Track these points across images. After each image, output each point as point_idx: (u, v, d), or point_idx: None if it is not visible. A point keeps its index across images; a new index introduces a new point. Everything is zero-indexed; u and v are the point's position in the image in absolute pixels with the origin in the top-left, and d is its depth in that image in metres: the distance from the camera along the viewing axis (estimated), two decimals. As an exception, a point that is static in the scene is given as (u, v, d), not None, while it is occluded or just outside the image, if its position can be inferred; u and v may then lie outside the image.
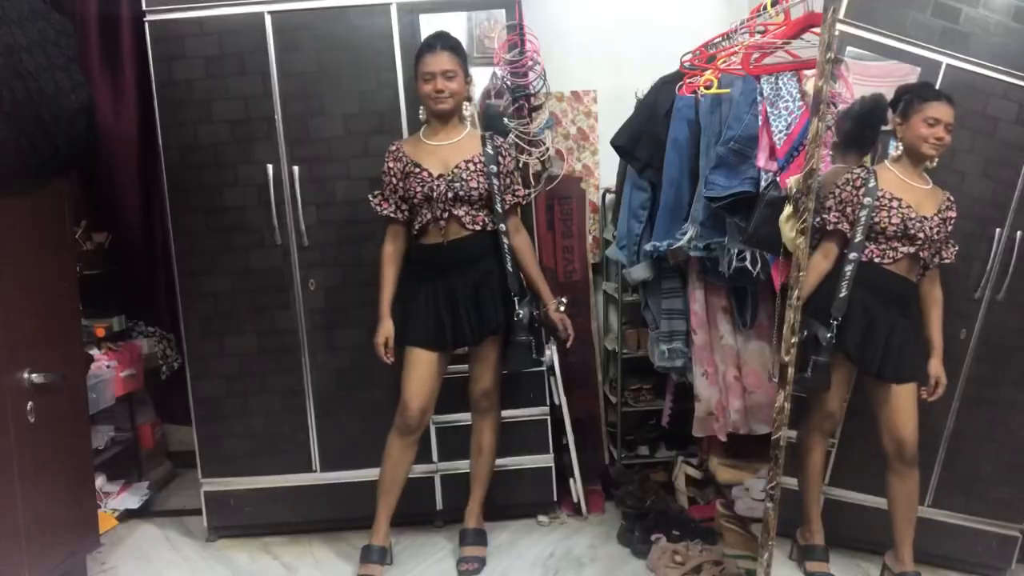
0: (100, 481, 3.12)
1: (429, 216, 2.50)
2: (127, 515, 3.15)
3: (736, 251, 2.52)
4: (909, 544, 2.43)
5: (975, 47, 2.48)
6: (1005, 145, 2.52)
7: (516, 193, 2.59)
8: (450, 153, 2.49)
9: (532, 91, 2.88)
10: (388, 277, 2.58)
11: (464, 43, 2.84)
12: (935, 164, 2.37)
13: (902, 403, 2.36)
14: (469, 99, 2.58)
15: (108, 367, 3.17)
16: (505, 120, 2.83)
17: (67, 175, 2.64)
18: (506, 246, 2.50)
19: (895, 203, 2.31)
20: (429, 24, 2.79)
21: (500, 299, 2.51)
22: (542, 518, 3.08)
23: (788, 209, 2.18)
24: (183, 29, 2.74)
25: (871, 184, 2.32)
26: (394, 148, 2.55)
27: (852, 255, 2.31)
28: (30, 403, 2.30)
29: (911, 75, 2.50)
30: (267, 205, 2.81)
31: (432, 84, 2.44)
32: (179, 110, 2.78)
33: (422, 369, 2.53)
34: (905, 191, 2.34)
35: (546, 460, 3.02)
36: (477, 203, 2.50)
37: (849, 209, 2.34)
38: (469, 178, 2.46)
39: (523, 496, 3.05)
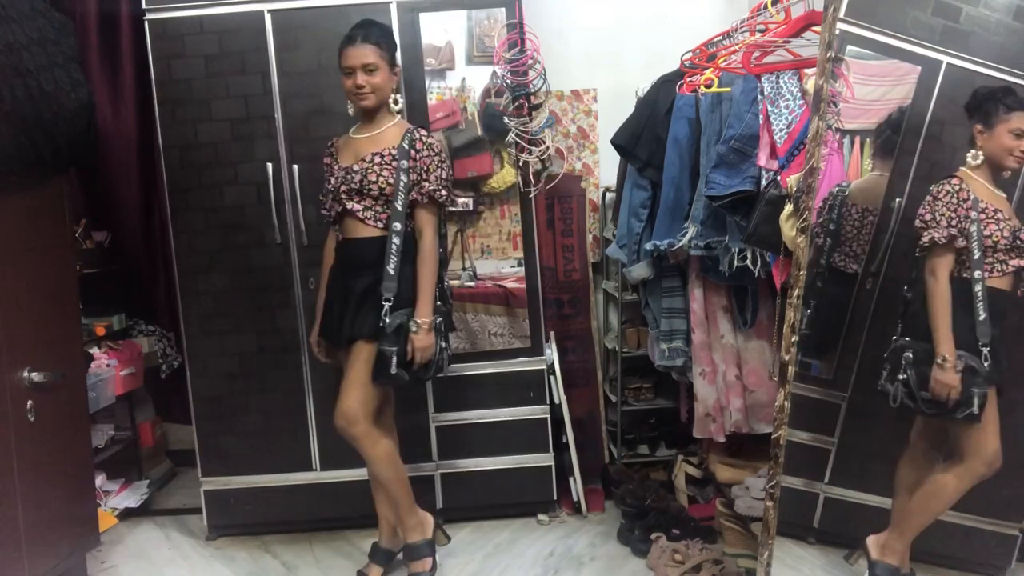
0: (100, 480, 3.13)
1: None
2: (127, 514, 3.15)
3: (737, 250, 2.52)
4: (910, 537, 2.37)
5: (975, 46, 2.48)
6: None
7: (423, 189, 2.33)
8: (366, 146, 2.36)
9: (532, 90, 2.87)
10: (322, 277, 2.52)
11: (464, 42, 2.85)
12: (1008, 175, 2.30)
13: (994, 412, 2.25)
14: (396, 91, 2.44)
15: (108, 366, 3.18)
16: (505, 119, 2.83)
17: (67, 174, 2.64)
18: (394, 247, 2.29)
19: (997, 214, 2.22)
20: (429, 23, 2.80)
21: (377, 305, 2.31)
22: (542, 517, 3.08)
23: (788, 208, 2.18)
24: (183, 28, 2.74)
25: (973, 195, 2.21)
26: (330, 143, 2.49)
27: (976, 273, 2.20)
28: (30, 402, 2.30)
29: (911, 74, 2.50)
30: (267, 204, 2.81)
31: (352, 79, 2.30)
32: (179, 109, 2.78)
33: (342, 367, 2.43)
34: (995, 201, 2.25)
35: (546, 459, 3.02)
36: (380, 199, 2.33)
37: (956, 223, 2.21)
38: (370, 171, 2.30)
39: (523, 495, 3.05)
